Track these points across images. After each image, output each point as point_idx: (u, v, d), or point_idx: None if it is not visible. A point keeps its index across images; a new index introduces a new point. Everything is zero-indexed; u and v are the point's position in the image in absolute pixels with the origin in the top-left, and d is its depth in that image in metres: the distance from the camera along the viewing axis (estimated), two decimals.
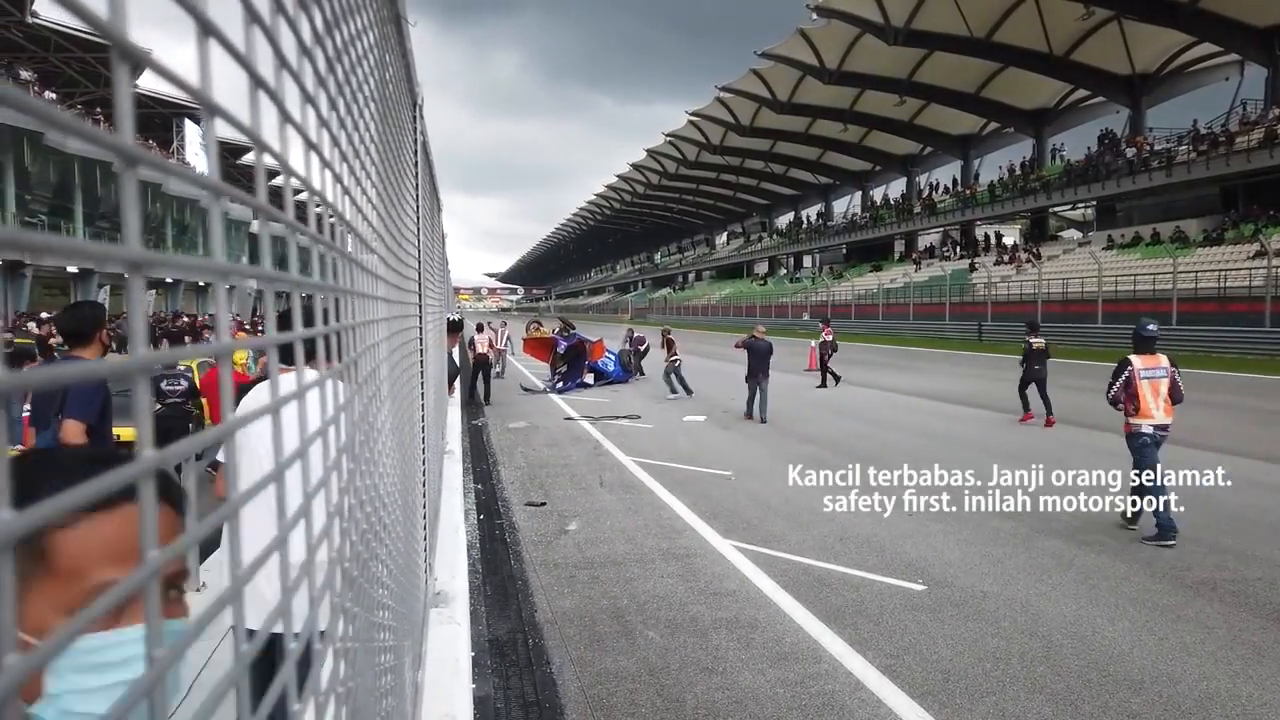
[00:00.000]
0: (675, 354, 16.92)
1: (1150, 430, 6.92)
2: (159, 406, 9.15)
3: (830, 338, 18.45)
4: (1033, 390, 12.69)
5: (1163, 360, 7.01)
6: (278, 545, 0.52)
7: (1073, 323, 33.44)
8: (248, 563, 0.44)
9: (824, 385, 18.02)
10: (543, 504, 8.12)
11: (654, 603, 5.53)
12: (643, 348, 21.46)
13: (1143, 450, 6.92)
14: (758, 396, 13.60)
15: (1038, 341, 12.74)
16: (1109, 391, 7.18)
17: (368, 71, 1.24)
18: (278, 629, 0.53)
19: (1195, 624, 5.07)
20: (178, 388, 9.75)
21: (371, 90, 1.25)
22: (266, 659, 0.64)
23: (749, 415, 13.67)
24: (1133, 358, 7.06)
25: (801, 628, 5.09)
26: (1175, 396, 6.96)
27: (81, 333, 4.21)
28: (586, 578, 6.04)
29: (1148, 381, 6.94)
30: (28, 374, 0.33)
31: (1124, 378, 7.02)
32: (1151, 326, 7.20)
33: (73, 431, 4.16)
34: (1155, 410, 6.92)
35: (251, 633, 0.51)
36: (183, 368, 9.48)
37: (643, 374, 20.79)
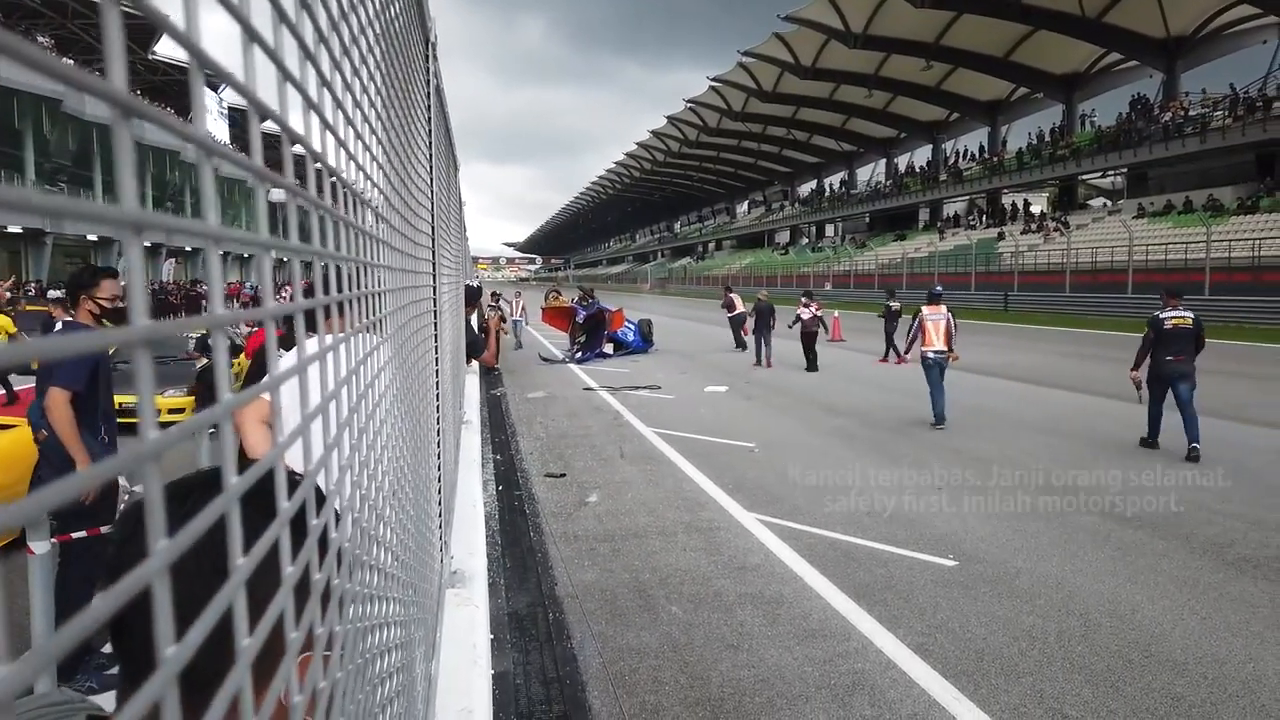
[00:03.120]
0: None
1: (933, 355, 10.35)
2: (205, 360, 9.64)
3: (818, 312, 16.43)
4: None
5: (942, 309, 10.58)
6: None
7: (1102, 293, 32.84)
8: None
9: (812, 368, 16.09)
10: (562, 475, 8.02)
11: (676, 576, 5.41)
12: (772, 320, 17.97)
13: (930, 369, 10.36)
14: (763, 346, 17.10)
15: (895, 304, 17.27)
16: (908, 334, 10.83)
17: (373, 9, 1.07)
18: None
19: (1239, 603, 4.89)
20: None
21: (371, 18, 1.08)
22: None
23: (758, 362, 16.99)
24: (924, 308, 10.64)
25: (829, 604, 4.95)
26: (950, 332, 10.43)
27: (72, 296, 4.17)
28: (607, 550, 5.93)
29: (931, 322, 10.48)
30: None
31: (918, 321, 10.62)
32: (939, 288, 11.32)
33: (58, 400, 4.04)
34: (936, 341, 10.38)
35: None
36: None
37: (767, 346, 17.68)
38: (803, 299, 16.96)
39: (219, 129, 49.00)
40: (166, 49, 46.47)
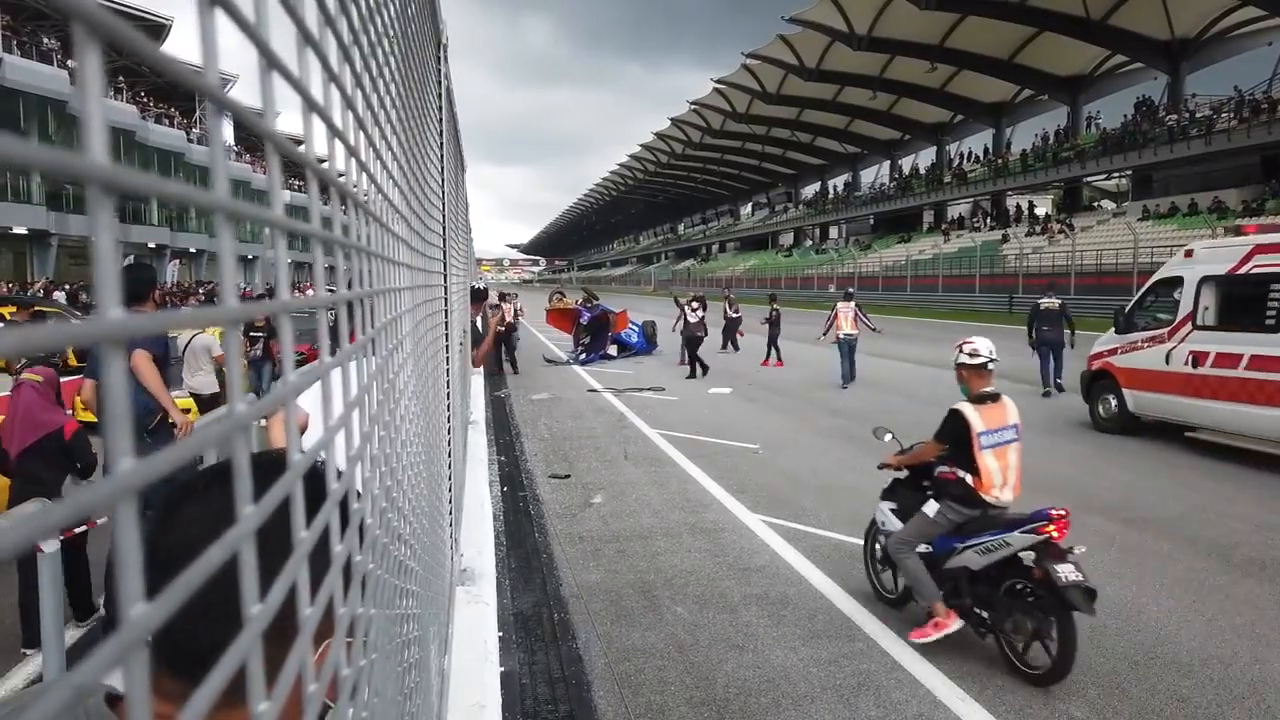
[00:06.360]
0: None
1: (844, 337, 13.92)
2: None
3: (737, 314, 16.24)
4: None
5: (851, 304, 14.18)
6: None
7: (1106, 295, 32.74)
8: None
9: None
10: (567, 476, 8.03)
11: (681, 577, 5.42)
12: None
13: (841, 348, 13.96)
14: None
15: (775, 308, 17.46)
16: (826, 324, 14.34)
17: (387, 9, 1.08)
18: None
19: (1245, 604, 4.89)
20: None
21: (390, 21, 1.10)
22: None
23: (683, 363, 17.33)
24: (839, 304, 14.20)
25: (834, 605, 4.96)
26: (856, 318, 14.03)
27: (138, 294, 4.55)
28: (612, 551, 5.94)
29: (841, 313, 14.03)
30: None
31: (832, 314, 14.23)
32: (850, 289, 15.49)
33: (144, 360, 4.51)
34: (845, 326, 13.98)
35: None
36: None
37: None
38: (693, 303, 16.31)
39: (226, 129, 49.06)
40: (170, 49, 46.49)
